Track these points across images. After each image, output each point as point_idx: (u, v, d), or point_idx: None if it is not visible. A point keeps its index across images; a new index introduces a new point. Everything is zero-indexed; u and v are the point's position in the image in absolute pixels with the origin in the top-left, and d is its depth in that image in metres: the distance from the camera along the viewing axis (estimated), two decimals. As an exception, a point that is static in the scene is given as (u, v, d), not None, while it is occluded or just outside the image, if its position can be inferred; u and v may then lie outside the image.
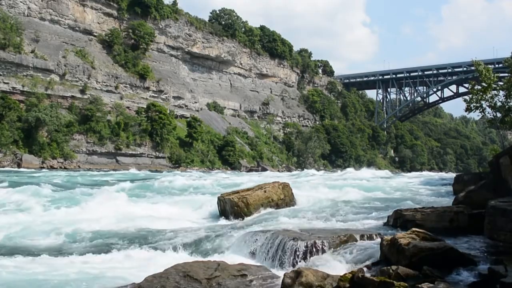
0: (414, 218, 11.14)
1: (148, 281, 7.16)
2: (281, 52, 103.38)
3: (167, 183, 27.59)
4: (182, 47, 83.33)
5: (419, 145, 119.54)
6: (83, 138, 59.03)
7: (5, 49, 54.33)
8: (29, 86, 55.61)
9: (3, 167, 46.33)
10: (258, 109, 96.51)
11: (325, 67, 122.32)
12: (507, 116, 23.96)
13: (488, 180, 13.32)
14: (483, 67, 24.51)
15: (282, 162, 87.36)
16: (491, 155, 30.62)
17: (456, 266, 6.96)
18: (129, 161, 62.43)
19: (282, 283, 6.73)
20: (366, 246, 9.50)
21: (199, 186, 26.89)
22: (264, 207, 15.46)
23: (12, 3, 60.03)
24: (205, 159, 72.37)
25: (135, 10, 75.00)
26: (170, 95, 77.14)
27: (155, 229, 12.95)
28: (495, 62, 71.67)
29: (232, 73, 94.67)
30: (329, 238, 9.74)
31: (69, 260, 9.81)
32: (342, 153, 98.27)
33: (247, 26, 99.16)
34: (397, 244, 7.61)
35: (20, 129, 52.20)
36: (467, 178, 20.75)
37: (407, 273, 6.47)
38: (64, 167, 52.39)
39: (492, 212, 8.28)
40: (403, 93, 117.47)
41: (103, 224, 13.52)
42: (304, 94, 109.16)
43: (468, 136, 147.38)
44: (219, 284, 7.14)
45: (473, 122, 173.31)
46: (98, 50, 69.69)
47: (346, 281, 6.13)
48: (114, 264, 9.48)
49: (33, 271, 8.83)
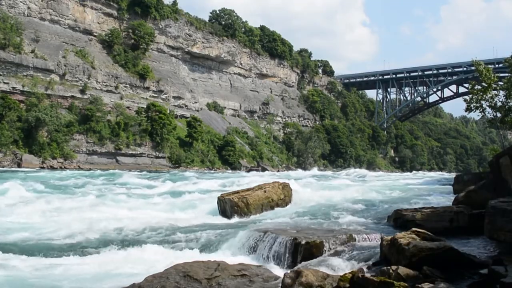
0: (414, 218, 11.16)
1: (148, 281, 7.16)
2: (281, 52, 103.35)
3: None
4: (182, 47, 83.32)
5: (419, 145, 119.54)
6: (83, 138, 59.00)
7: (5, 49, 54.32)
8: (29, 86, 55.57)
9: (3, 167, 46.34)
10: (258, 109, 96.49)
11: (325, 67, 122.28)
12: (507, 116, 23.99)
13: (488, 180, 13.30)
14: (483, 67, 24.55)
15: (282, 162, 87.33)
16: (491, 155, 30.61)
17: (456, 266, 6.96)
18: (129, 161, 62.42)
19: (282, 283, 6.73)
20: (366, 246, 9.52)
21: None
22: (264, 207, 15.46)
23: (12, 3, 60.01)
24: (205, 159, 72.35)
25: (135, 10, 74.99)
26: (170, 95, 77.13)
27: (155, 228, 12.95)
28: (495, 62, 71.63)
29: (232, 73, 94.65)
30: (329, 238, 9.74)
31: (68, 260, 9.82)
32: (342, 153, 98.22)
33: (247, 26, 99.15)
34: (397, 244, 7.61)
35: (20, 129, 52.18)
36: (467, 178, 20.74)
37: (407, 273, 6.48)
38: (64, 167, 52.36)
39: (492, 212, 8.28)
40: (403, 93, 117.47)
41: (104, 223, 13.55)
42: (304, 94, 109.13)
43: (468, 136, 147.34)
44: (219, 284, 7.14)
45: (473, 122, 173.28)
46: (98, 50, 69.67)
47: (346, 281, 6.13)
48: (113, 263, 9.48)
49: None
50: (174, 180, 31.62)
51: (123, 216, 15.18)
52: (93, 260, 9.84)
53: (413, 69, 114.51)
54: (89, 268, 9.13)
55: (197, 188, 25.00)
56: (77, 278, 8.38)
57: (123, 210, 16.77)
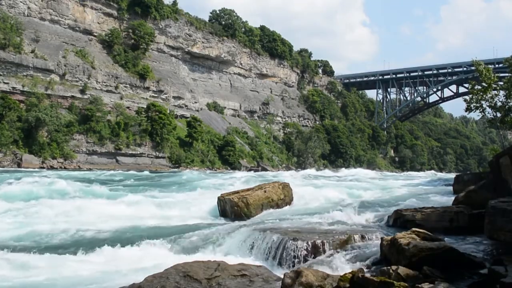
0: (414, 218, 11.16)
1: (148, 281, 7.15)
2: (281, 52, 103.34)
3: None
4: (182, 47, 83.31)
5: (419, 145, 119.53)
6: (83, 138, 58.98)
7: (5, 49, 54.30)
8: (29, 86, 55.56)
9: (3, 167, 46.30)
10: (258, 109, 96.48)
11: (325, 67, 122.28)
12: (507, 116, 24.01)
13: (488, 180, 13.31)
14: (483, 67, 24.55)
15: (282, 162, 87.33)
16: (491, 155, 30.60)
17: (456, 266, 6.96)
18: (129, 161, 62.41)
19: (282, 283, 6.72)
20: (366, 246, 9.52)
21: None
22: (264, 207, 15.46)
23: (12, 3, 60.01)
24: (205, 159, 72.35)
25: (135, 10, 74.99)
26: (170, 95, 77.12)
27: (154, 228, 12.94)
28: (495, 62, 71.63)
29: (232, 73, 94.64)
30: (329, 238, 9.75)
31: (67, 259, 9.81)
32: (342, 153, 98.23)
33: (247, 26, 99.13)
34: (397, 244, 7.61)
35: (20, 129, 52.17)
36: (467, 178, 20.76)
37: (407, 273, 6.47)
38: (64, 167, 52.34)
39: (492, 212, 8.28)
40: (403, 93, 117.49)
41: (103, 223, 13.53)
42: (304, 94, 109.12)
43: (468, 136, 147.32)
44: (219, 284, 7.13)
45: (473, 122, 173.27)
46: (98, 50, 69.67)
47: (346, 281, 6.12)
48: (113, 263, 9.47)
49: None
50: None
51: (121, 213, 15.13)
52: (93, 260, 9.84)
53: (413, 69, 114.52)
54: (89, 268, 9.12)
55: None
56: (77, 278, 8.37)
57: (120, 206, 16.74)
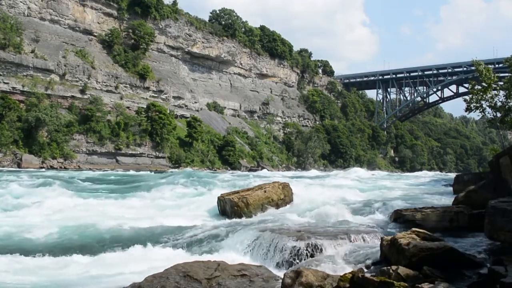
0: (414, 218, 11.16)
1: (148, 281, 7.16)
2: (281, 52, 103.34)
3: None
4: (182, 47, 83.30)
5: (419, 145, 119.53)
6: (83, 138, 58.97)
7: (5, 49, 54.29)
8: (29, 86, 55.54)
9: (3, 167, 46.27)
10: (258, 109, 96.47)
11: (325, 67, 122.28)
12: (507, 116, 24.01)
13: (488, 180, 13.31)
14: (483, 67, 24.55)
15: (282, 162, 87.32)
16: (491, 155, 30.60)
17: (456, 266, 6.96)
18: (129, 161, 62.40)
19: (282, 283, 6.72)
20: (366, 246, 9.52)
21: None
22: (264, 207, 15.45)
23: (12, 3, 59.99)
24: (205, 159, 72.34)
25: (135, 10, 74.97)
26: (170, 95, 77.11)
27: (154, 228, 12.94)
28: (495, 62, 71.62)
29: (232, 73, 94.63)
30: (329, 238, 9.75)
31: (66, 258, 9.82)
32: (342, 153, 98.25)
33: (247, 26, 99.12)
34: (397, 244, 7.61)
35: (20, 129, 52.16)
36: (467, 178, 20.76)
37: (407, 273, 6.47)
38: (64, 167, 52.35)
39: (492, 212, 8.28)
40: (403, 93, 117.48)
41: (102, 223, 13.52)
42: (304, 94, 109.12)
43: (468, 136, 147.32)
44: (219, 284, 7.13)
45: (473, 122, 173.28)
46: (98, 50, 69.66)
47: (346, 281, 6.12)
48: (113, 263, 9.47)
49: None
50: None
51: (122, 215, 15.14)
52: (93, 260, 9.84)
53: (413, 69, 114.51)
54: (89, 268, 9.12)
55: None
56: (77, 278, 8.37)
57: (121, 208, 16.74)
